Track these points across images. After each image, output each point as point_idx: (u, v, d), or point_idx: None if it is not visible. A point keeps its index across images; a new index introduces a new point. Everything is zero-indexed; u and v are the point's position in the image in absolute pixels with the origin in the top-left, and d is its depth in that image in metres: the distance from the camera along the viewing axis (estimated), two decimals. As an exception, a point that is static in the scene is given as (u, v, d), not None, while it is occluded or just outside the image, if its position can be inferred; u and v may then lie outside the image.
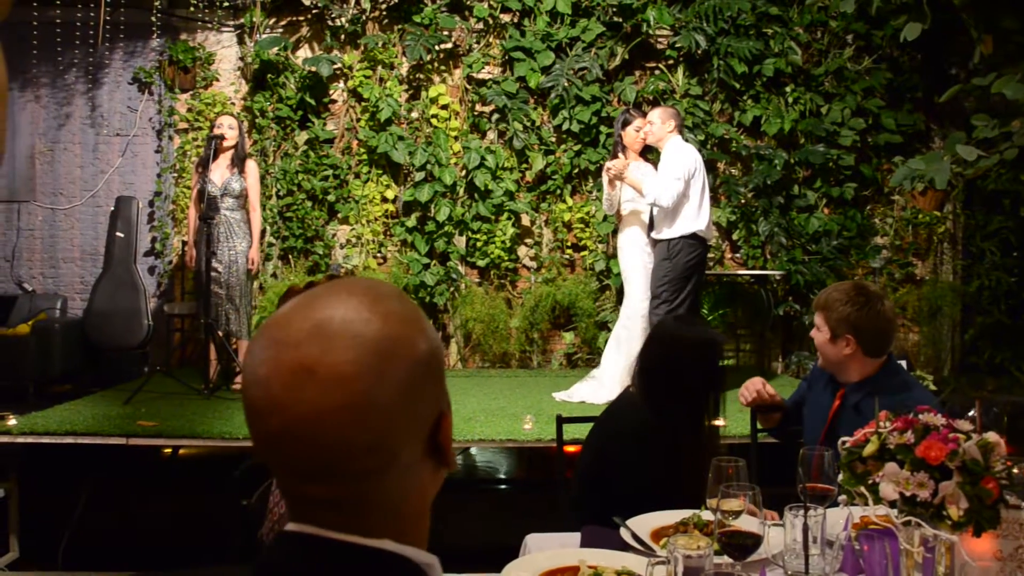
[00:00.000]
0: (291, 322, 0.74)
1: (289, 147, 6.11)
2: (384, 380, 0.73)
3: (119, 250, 5.86)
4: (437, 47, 6.17)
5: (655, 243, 4.65)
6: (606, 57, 6.16)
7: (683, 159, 4.55)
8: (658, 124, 4.65)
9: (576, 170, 6.15)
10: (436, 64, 6.26)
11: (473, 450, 4.88)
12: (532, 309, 6.06)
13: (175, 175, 6.17)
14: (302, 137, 6.09)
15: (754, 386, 2.50)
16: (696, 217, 4.54)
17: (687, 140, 4.83)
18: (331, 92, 6.23)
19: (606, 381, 4.71)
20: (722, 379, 2.26)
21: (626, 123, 4.82)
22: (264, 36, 6.14)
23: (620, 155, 4.79)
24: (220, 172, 4.99)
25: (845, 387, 2.31)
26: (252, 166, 5.12)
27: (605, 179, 4.79)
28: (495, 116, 6.19)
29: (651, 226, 4.67)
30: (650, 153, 4.91)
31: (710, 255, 6.24)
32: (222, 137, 4.95)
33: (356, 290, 0.77)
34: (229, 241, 4.95)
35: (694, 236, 4.53)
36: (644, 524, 1.84)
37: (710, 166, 6.23)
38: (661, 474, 2.09)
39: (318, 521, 0.75)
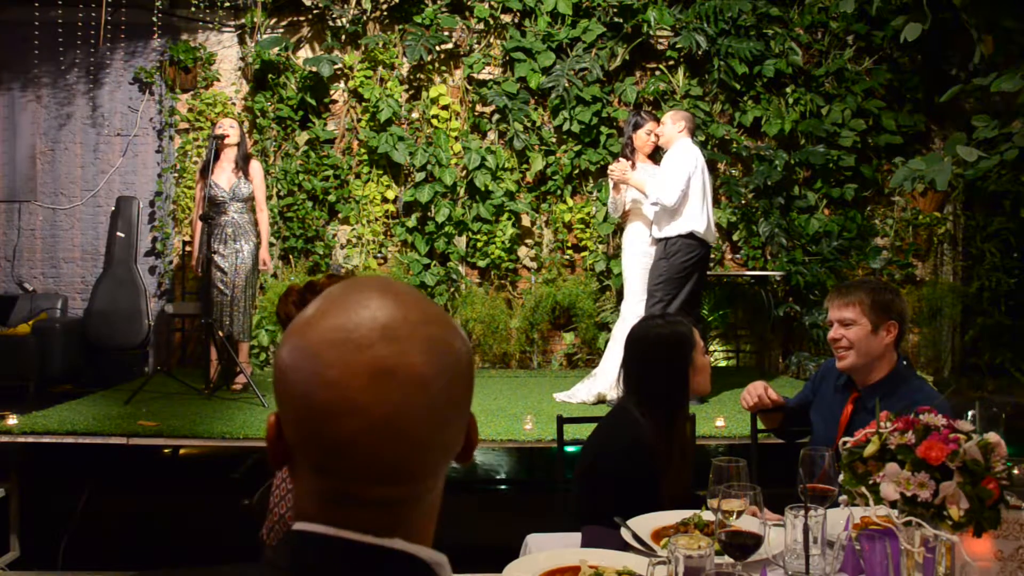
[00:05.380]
0: (357, 323, 0.73)
1: (290, 147, 6.11)
2: (454, 379, 0.76)
3: (120, 250, 5.87)
4: (438, 47, 6.18)
5: (656, 243, 4.69)
6: (607, 58, 6.16)
7: (684, 158, 4.59)
8: (669, 125, 4.74)
9: (576, 171, 6.15)
10: (437, 64, 6.26)
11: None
12: (532, 310, 6.06)
13: (176, 175, 6.17)
14: (303, 137, 6.09)
15: (756, 391, 2.49)
16: (697, 217, 4.55)
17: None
18: (332, 92, 6.23)
19: (600, 376, 4.77)
20: (686, 375, 2.23)
21: (637, 126, 4.86)
22: (265, 36, 6.15)
23: (628, 157, 4.84)
24: (226, 176, 4.97)
25: (860, 391, 2.29)
26: (256, 166, 5.11)
27: (611, 183, 4.84)
28: (495, 116, 6.19)
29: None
30: (659, 154, 4.92)
31: (711, 255, 6.25)
32: (224, 136, 4.94)
33: (398, 289, 0.78)
34: (236, 243, 4.94)
35: (692, 236, 4.54)
36: (645, 524, 1.84)
37: (710, 166, 6.23)
38: (646, 474, 2.10)
39: (347, 524, 0.74)
